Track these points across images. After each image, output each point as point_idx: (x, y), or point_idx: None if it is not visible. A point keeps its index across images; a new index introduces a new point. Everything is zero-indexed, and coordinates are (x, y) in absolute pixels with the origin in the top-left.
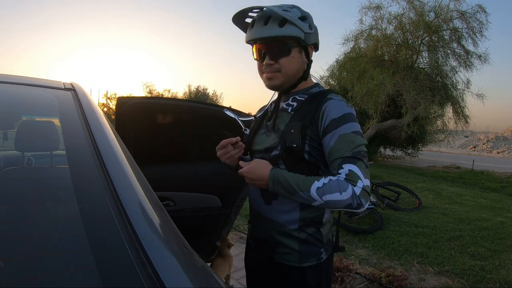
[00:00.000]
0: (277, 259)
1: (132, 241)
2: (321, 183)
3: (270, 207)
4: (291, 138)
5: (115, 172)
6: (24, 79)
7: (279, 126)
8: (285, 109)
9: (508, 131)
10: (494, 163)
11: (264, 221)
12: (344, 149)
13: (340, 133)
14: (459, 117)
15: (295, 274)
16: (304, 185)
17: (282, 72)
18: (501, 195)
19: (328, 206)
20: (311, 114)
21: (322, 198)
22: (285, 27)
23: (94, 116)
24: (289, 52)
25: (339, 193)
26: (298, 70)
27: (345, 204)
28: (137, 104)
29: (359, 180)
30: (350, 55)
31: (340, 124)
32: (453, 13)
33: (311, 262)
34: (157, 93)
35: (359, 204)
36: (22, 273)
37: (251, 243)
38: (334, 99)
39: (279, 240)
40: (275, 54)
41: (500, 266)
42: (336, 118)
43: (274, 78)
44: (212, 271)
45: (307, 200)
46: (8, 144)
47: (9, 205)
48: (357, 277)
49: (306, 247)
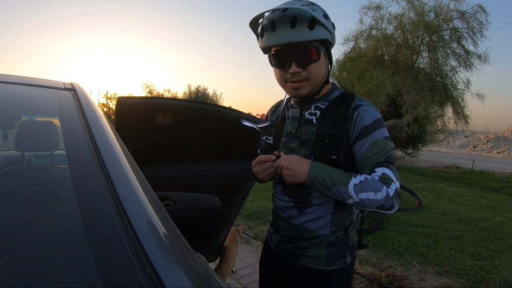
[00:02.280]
0: (301, 262)
1: (132, 241)
2: (358, 180)
3: (303, 215)
4: (326, 149)
5: (115, 172)
6: (24, 79)
7: (305, 136)
8: (309, 120)
9: (508, 131)
10: (494, 163)
11: (294, 228)
12: (377, 155)
13: (372, 139)
14: (459, 117)
15: (320, 278)
16: (343, 180)
17: (311, 80)
18: (501, 195)
19: (361, 204)
20: (341, 122)
21: (358, 195)
22: (316, 29)
23: (94, 116)
24: (319, 58)
25: (374, 192)
26: (325, 75)
27: (378, 205)
28: (137, 104)
29: (392, 182)
30: (350, 55)
31: (372, 130)
32: (453, 13)
33: (337, 265)
34: (157, 93)
35: (391, 206)
36: (22, 273)
37: (271, 247)
38: (364, 105)
39: (306, 246)
40: (304, 61)
41: (500, 266)
42: (367, 125)
43: (302, 88)
44: (212, 271)
45: (342, 196)
46: (8, 144)
47: (9, 205)
48: (357, 277)
49: (333, 250)
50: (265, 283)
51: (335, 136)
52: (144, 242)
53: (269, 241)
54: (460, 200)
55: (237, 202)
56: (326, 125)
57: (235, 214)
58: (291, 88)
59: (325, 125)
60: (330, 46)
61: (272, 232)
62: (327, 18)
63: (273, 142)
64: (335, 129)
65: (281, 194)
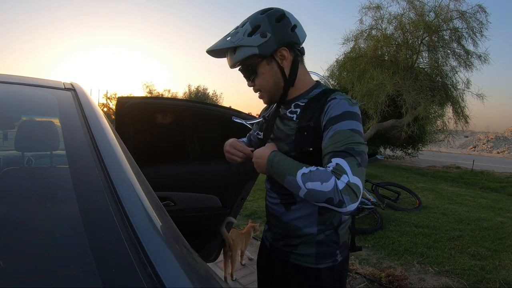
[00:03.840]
0: (292, 260)
1: (132, 241)
2: (308, 170)
3: (290, 212)
4: (304, 141)
5: (115, 172)
6: (24, 79)
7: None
8: (289, 117)
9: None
10: (494, 163)
11: (283, 225)
12: (337, 144)
13: (336, 129)
14: (459, 117)
15: (310, 275)
16: (292, 170)
17: (263, 91)
18: (501, 195)
19: (310, 196)
20: (318, 114)
21: (305, 185)
22: (237, 52)
23: (94, 116)
24: (255, 72)
25: (320, 182)
26: (277, 82)
27: (326, 198)
28: (137, 104)
29: (344, 174)
30: (350, 55)
31: (338, 120)
32: (453, 13)
33: (327, 263)
34: (157, 93)
35: (340, 202)
36: (22, 273)
37: (266, 244)
38: (336, 98)
39: (297, 243)
40: (247, 77)
41: (500, 266)
42: (334, 116)
43: (262, 97)
44: (212, 271)
45: (293, 186)
46: (8, 144)
47: (9, 205)
48: (357, 277)
49: (322, 249)
50: (262, 281)
51: (313, 128)
52: (144, 242)
53: (264, 238)
54: (460, 200)
55: (237, 202)
56: (305, 119)
57: (235, 214)
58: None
59: (304, 119)
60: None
61: (267, 230)
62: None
63: (263, 137)
64: (313, 121)
65: (270, 191)
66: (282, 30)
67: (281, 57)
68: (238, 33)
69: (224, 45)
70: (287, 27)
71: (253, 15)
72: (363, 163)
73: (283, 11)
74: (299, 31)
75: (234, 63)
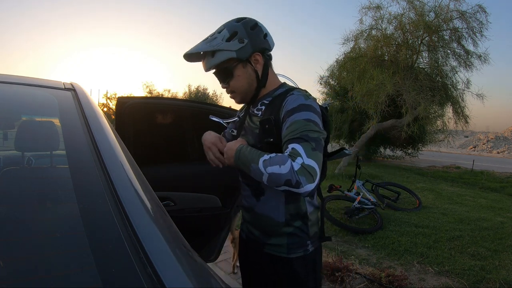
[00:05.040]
0: (267, 250)
1: (132, 241)
2: (268, 156)
3: (259, 203)
4: (266, 133)
5: (115, 172)
6: (24, 79)
7: (253, 128)
8: (255, 114)
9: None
10: (494, 163)
11: (255, 216)
12: (293, 132)
13: (292, 120)
14: (459, 117)
15: (284, 264)
16: (255, 158)
17: (236, 92)
18: (501, 195)
19: (271, 180)
20: (277, 110)
21: (266, 170)
22: (216, 56)
23: (94, 116)
24: (231, 75)
25: (279, 166)
26: (250, 83)
27: (285, 180)
28: (137, 104)
29: (298, 156)
30: (350, 55)
31: (294, 112)
32: (453, 13)
33: (299, 253)
34: (157, 93)
35: (297, 182)
36: (22, 273)
37: (243, 236)
38: (294, 94)
39: (269, 233)
40: (222, 80)
41: (500, 266)
42: (291, 108)
43: (234, 98)
44: (212, 271)
45: (256, 173)
46: (8, 144)
47: (9, 205)
48: (357, 277)
49: (293, 240)
50: (243, 274)
51: (273, 121)
52: (144, 242)
53: (241, 231)
54: (460, 200)
55: (237, 202)
56: (266, 114)
57: (235, 214)
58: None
59: (266, 114)
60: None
61: (243, 222)
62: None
63: (236, 134)
64: (273, 115)
65: (242, 183)
66: (256, 37)
67: (255, 61)
68: (216, 38)
69: (205, 49)
70: (260, 34)
71: (230, 23)
72: (318, 147)
73: (256, 21)
74: (270, 39)
75: (211, 66)
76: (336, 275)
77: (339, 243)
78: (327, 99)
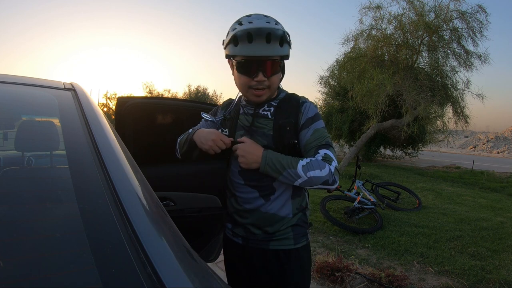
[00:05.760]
0: (272, 246)
1: (132, 241)
2: (305, 162)
3: (269, 203)
4: (288, 136)
5: (115, 172)
6: (24, 79)
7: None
8: (263, 115)
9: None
10: (494, 163)
11: (261, 216)
12: (319, 139)
13: (314, 127)
14: (459, 117)
15: (291, 256)
16: (292, 163)
17: (271, 88)
18: (501, 195)
19: (309, 182)
20: (295, 113)
21: (306, 174)
22: (284, 46)
23: (94, 116)
24: (278, 71)
25: (320, 170)
26: (279, 83)
27: (323, 180)
28: (137, 104)
29: (332, 161)
30: (350, 55)
31: (314, 121)
32: (453, 13)
33: (303, 242)
34: (157, 93)
35: (333, 181)
36: (22, 273)
37: (236, 241)
38: (307, 102)
39: (276, 230)
40: (270, 72)
41: (500, 266)
42: (310, 116)
43: (263, 95)
44: (212, 271)
45: (292, 177)
46: (8, 144)
47: (9, 205)
48: (357, 277)
49: (298, 230)
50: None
51: (294, 124)
52: (144, 242)
53: (231, 236)
54: (460, 200)
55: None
56: (282, 117)
57: None
58: (254, 94)
59: (281, 117)
60: (287, 59)
61: (233, 227)
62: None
63: (229, 134)
64: (292, 118)
65: (244, 186)
66: None
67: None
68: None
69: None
70: None
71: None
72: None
73: None
74: None
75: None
76: (336, 275)
77: (339, 243)
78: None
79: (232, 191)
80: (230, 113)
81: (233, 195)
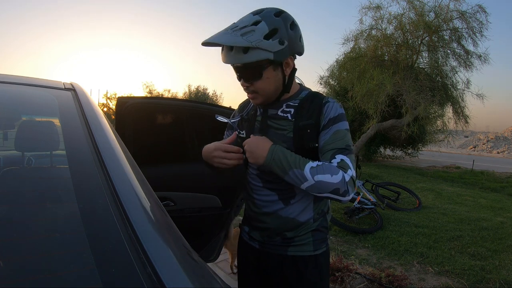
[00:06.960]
0: (290, 252)
1: (132, 241)
2: (315, 164)
3: (289, 207)
4: (308, 138)
5: (115, 172)
6: (24, 79)
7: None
8: (283, 117)
9: (508, 131)
10: (494, 163)
11: (280, 220)
12: (339, 142)
13: (335, 129)
14: (459, 117)
15: (309, 263)
16: (299, 163)
17: (259, 93)
18: (501, 195)
19: (316, 187)
20: (317, 114)
21: (314, 177)
22: (249, 53)
23: (94, 116)
24: (260, 76)
25: (330, 175)
26: (277, 87)
27: (333, 188)
28: (137, 104)
29: (349, 169)
30: (350, 55)
31: (336, 121)
32: (453, 13)
33: (323, 248)
34: (157, 93)
35: (345, 191)
36: (22, 273)
37: (253, 245)
38: (331, 101)
39: (294, 235)
40: (248, 78)
41: (500, 266)
42: (332, 117)
43: (255, 98)
44: (212, 271)
45: (298, 179)
46: (8, 144)
47: (9, 205)
48: (357, 277)
49: (318, 236)
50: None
51: (315, 126)
52: (144, 242)
53: (248, 240)
54: (460, 200)
55: (237, 202)
56: (303, 118)
57: (235, 214)
58: (248, 97)
59: (302, 118)
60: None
61: (250, 231)
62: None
63: (246, 136)
64: (313, 120)
65: (262, 189)
66: (295, 39)
67: (286, 65)
68: (253, 32)
69: (239, 43)
70: (297, 36)
71: (267, 14)
72: (354, 158)
73: (293, 18)
74: (303, 42)
75: (238, 63)
76: (336, 275)
77: (339, 243)
78: None
79: (250, 193)
80: (247, 113)
81: (251, 197)
